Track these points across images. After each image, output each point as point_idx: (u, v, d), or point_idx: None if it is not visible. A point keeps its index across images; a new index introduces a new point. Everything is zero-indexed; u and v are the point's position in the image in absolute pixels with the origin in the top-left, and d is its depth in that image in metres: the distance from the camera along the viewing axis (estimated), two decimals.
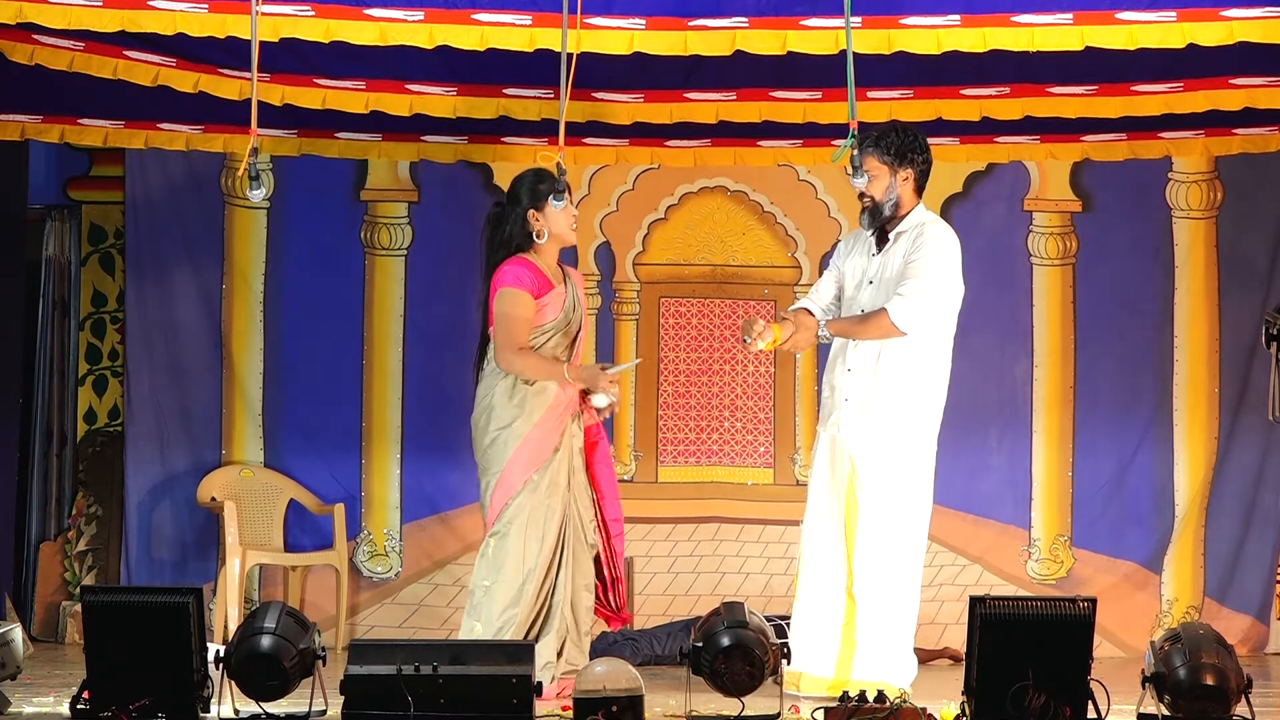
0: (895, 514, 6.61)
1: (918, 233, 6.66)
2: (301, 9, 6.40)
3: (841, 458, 6.70)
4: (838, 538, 6.69)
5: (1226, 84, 7.41)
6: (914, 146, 6.70)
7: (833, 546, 6.70)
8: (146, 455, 8.89)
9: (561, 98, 6.14)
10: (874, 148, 6.65)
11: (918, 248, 6.62)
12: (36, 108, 7.90)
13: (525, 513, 6.63)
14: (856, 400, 6.68)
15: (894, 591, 6.60)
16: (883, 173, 6.67)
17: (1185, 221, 8.98)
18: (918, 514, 6.66)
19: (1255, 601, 8.86)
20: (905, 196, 6.72)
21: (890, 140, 6.69)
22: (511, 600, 6.58)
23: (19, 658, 6.08)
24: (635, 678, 5.78)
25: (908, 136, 6.71)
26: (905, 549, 6.62)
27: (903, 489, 6.62)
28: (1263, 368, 8.49)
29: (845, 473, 6.68)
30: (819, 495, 6.77)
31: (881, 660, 6.58)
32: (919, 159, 6.71)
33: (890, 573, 6.60)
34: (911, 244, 6.65)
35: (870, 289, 6.71)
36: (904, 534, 6.61)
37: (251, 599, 8.67)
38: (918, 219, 6.71)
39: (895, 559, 6.60)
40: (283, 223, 8.99)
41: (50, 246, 9.18)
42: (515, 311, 6.62)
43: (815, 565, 6.73)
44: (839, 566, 6.68)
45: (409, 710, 5.62)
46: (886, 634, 6.60)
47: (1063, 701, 5.67)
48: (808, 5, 6.34)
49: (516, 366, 6.63)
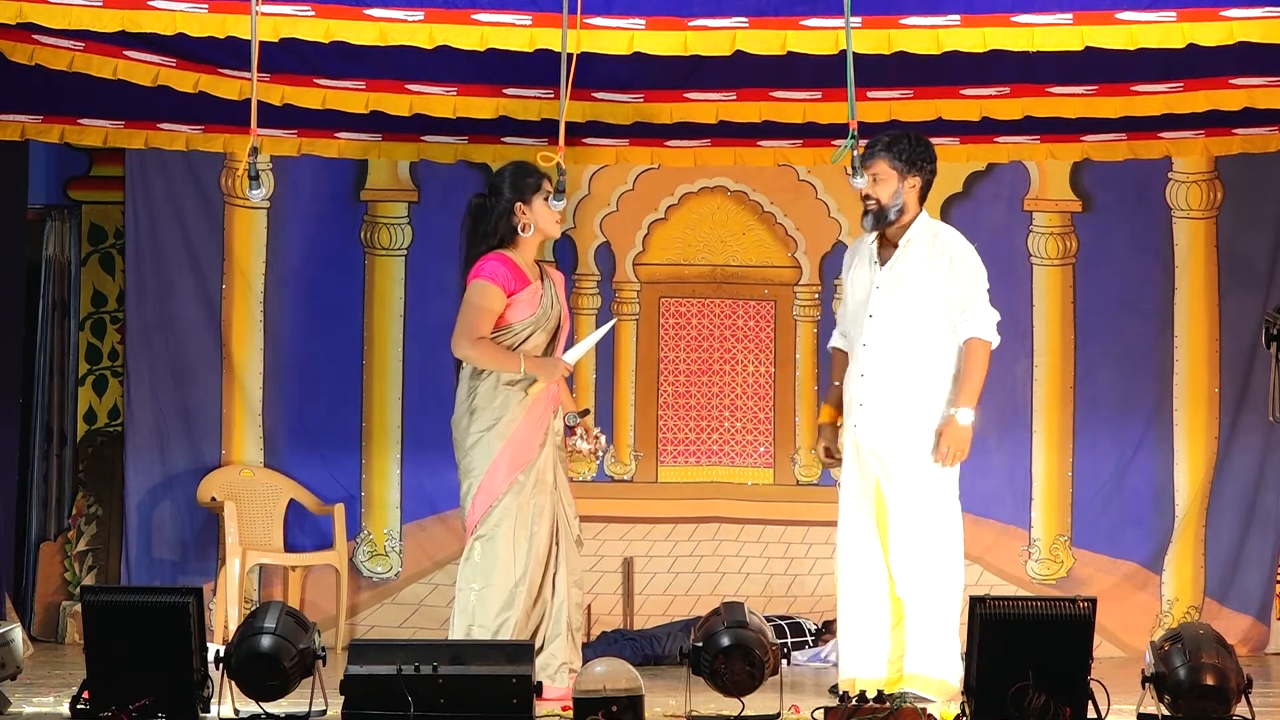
0: (926, 510, 6.60)
1: (940, 247, 6.67)
2: (301, 9, 6.40)
3: (867, 459, 6.70)
4: (873, 539, 6.67)
5: (1226, 84, 7.41)
6: (925, 155, 6.73)
7: (870, 549, 6.68)
8: (146, 455, 8.89)
9: (561, 98, 6.15)
10: (887, 152, 6.66)
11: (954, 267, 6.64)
12: (36, 108, 7.90)
13: (513, 515, 6.58)
14: (872, 404, 6.68)
15: (938, 587, 6.59)
16: (892, 177, 6.68)
17: (1185, 221, 8.99)
18: (949, 509, 6.65)
19: (1255, 601, 8.87)
20: (910, 203, 6.73)
21: (904, 146, 6.69)
22: (505, 603, 6.54)
23: (19, 658, 6.08)
24: (635, 678, 5.78)
25: (920, 145, 6.73)
26: (942, 544, 6.61)
27: (929, 485, 6.61)
28: (1263, 368, 8.50)
29: (873, 474, 6.68)
30: (850, 501, 6.77)
31: (934, 656, 6.56)
32: (928, 168, 6.74)
33: (931, 569, 6.58)
34: (937, 257, 6.64)
35: (879, 294, 6.70)
36: (938, 529, 6.60)
37: (251, 599, 8.67)
38: (928, 227, 6.72)
39: (934, 555, 6.59)
40: (283, 223, 8.99)
41: (50, 246, 9.18)
42: (481, 302, 6.60)
43: (854, 569, 6.70)
44: (879, 568, 6.66)
45: (409, 710, 5.62)
46: (936, 630, 6.58)
47: (1063, 701, 5.67)
48: (808, 5, 6.34)
49: (471, 355, 6.59)
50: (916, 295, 6.65)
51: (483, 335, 6.59)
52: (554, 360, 6.68)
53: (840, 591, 6.75)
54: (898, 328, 6.67)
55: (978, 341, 6.65)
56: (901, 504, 6.62)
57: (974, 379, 6.65)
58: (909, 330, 6.66)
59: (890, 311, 6.68)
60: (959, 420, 6.59)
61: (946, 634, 6.61)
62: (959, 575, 6.67)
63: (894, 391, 6.65)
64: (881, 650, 6.62)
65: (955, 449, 6.59)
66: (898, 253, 6.71)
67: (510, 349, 6.61)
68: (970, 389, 6.64)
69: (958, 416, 6.59)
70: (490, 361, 6.60)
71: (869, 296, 6.74)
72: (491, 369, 6.61)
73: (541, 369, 6.62)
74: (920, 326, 6.66)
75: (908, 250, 6.70)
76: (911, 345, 6.66)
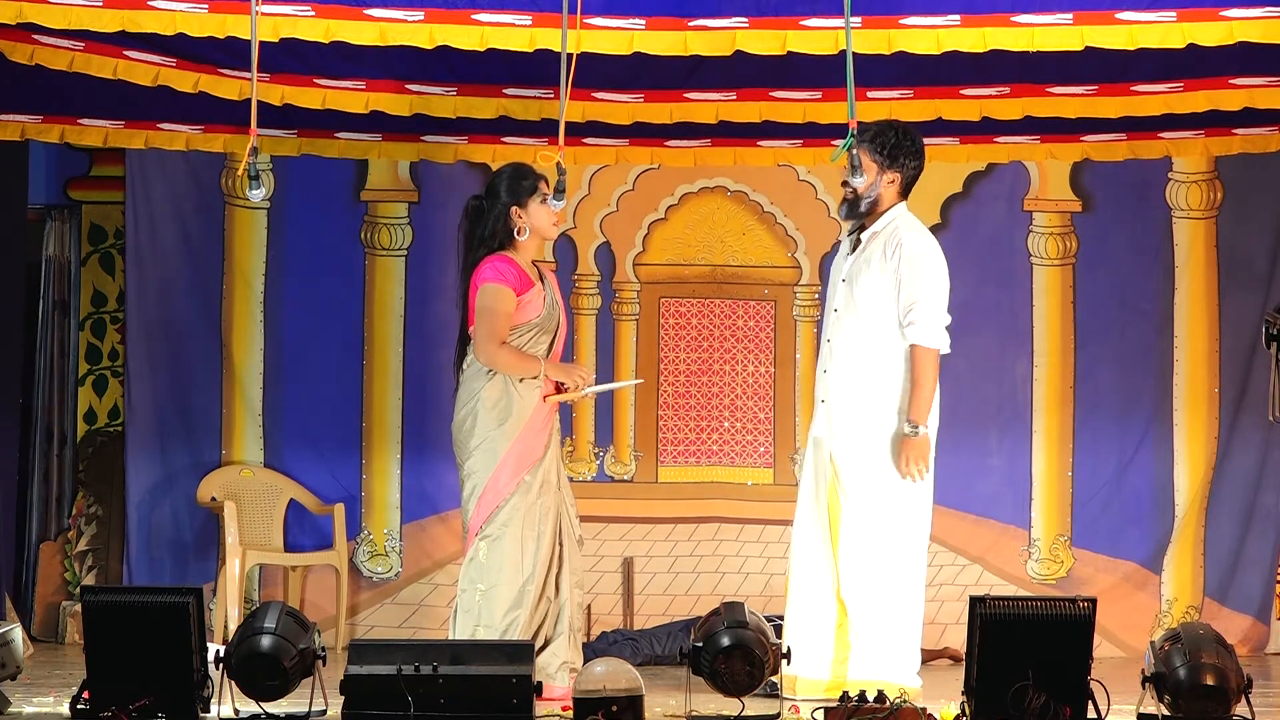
0: (880, 514, 6.56)
1: (895, 242, 6.59)
2: (301, 9, 6.40)
3: (824, 460, 6.68)
4: (823, 541, 6.66)
5: (1226, 84, 7.41)
6: (908, 150, 6.68)
7: (819, 550, 6.67)
8: (146, 455, 8.89)
9: (561, 98, 6.14)
10: (868, 144, 6.62)
11: (903, 264, 6.55)
12: (36, 108, 7.90)
13: (520, 515, 6.59)
14: (833, 401, 6.65)
15: (885, 592, 6.56)
16: (871, 169, 6.64)
17: (1185, 221, 8.99)
18: (908, 514, 6.59)
19: (1255, 601, 8.87)
20: (886, 196, 6.69)
21: (886, 139, 6.67)
22: (514, 603, 6.54)
23: (19, 658, 6.08)
24: (635, 678, 5.78)
25: (906, 140, 6.69)
26: (895, 549, 6.57)
27: (887, 489, 6.57)
28: (1263, 368, 8.50)
29: (828, 475, 6.66)
30: (805, 498, 6.75)
31: (878, 660, 6.55)
32: (910, 164, 6.69)
33: (878, 573, 6.55)
34: (889, 254, 6.58)
35: (843, 287, 6.68)
36: (892, 534, 6.57)
37: (251, 599, 8.67)
38: (892, 221, 6.65)
39: (884, 559, 6.56)
40: (283, 223, 8.99)
41: (50, 246, 9.18)
42: (498, 306, 6.60)
43: (803, 568, 6.70)
44: (826, 569, 6.65)
45: (409, 710, 5.62)
46: (881, 634, 6.56)
47: (1063, 701, 5.67)
48: (808, 5, 6.34)
49: (498, 361, 6.59)
50: (871, 292, 6.60)
51: (505, 339, 6.60)
52: (573, 367, 6.79)
53: (789, 588, 6.74)
54: (855, 325, 6.62)
55: (921, 349, 6.54)
56: (853, 505, 6.59)
57: (922, 390, 6.53)
58: (865, 328, 6.61)
59: (849, 308, 6.64)
60: (911, 435, 6.52)
61: (898, 638, 6.58)
62: (917, 579, 6.63)
63: (851, 391, 6.61)
64: (825, 650, 6.61)
65: (916, 464, 6.52)
66: (860, 247, 6.69)
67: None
68: (919, 401, 6.52)
69: (908, 433, 6.52)
70: (515, 367, 6.61)
71: (834, 289, 6.73)
72: (516, 374, 6.61)
73: (564, 374, 6.70)
74: (875, 325, 6.60)
75: (869, 245, 6.66)
76: (867, 344, 6.61)
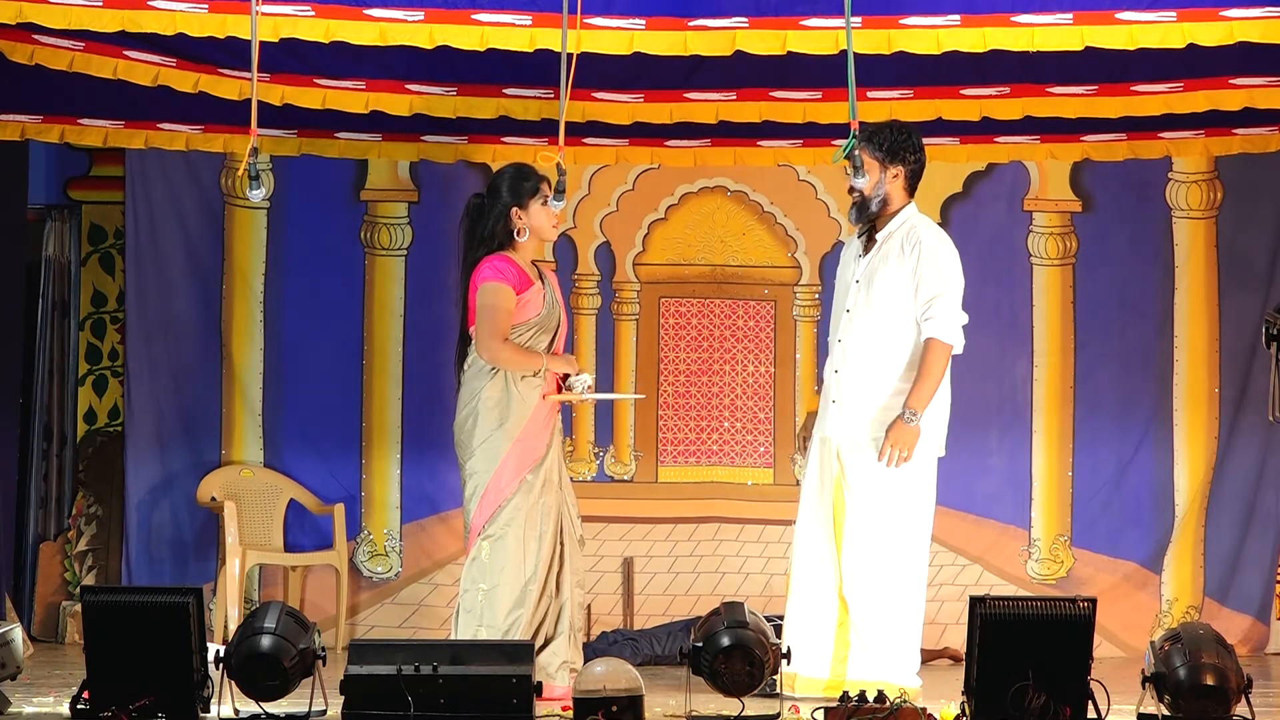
0: (884, 515, 6.57)
1: (913, 240, 6.62)
2: (301, 9, 6.40)
3: (830, 459, 6.69)
4: (827, 539, 6.67)
5: (1226, 84, 7.41)
6: (907, 145, 6.69)
7: (822, 548, 6.68)
8: (146, 455, 8.89)
9: (561, 98, 6.14)
10: (867, 143, 6.62)
11: (923, 261, 6.58)
12: (36, 108, 7.90)
13: (523, 514, 6.59)
14: (842, 401, 6.66)
15: (887, 592, 6.57)
16: (873, 168, 6.64)
17: (1185, 221, 8.99)
18: (912, 514, 6.61)
19: (1255, 601, 8.87)
20: (894, 194, 6.70)
21: (883, 136, 6.68)
22: (516, 602, 6.54)
23: (19, 658, 6.08)
24: (635, 678, 5.78)
25: (901, 135, 6.70)
26: (898, 549, 6.58)
27: (892, 490, 6.58)
28: (1263, 368, 8.49)
29: (834, 474, 6.67)
30: (809, 496, 6.76)
31: (878, 660, 6.56)
32: (911, 158, 6.69)
33: (881, 573, 6.57)
34: (908, 252, 6.60)
35: (856, 289, 6.68)
36: (896, 534, 6.57)
37: (251, 599, 8.67)
38: (907, 221, 6.68)
39: (886, 559, 6.57)
40: (283, 223, 8.99)
41: (50, 246, 9.18)
42: (498, 303, 6.60)
43: (806, 566, 6.71)
44: (829, 568, 6.66)
45: (409, 710, 5.62)
46: (881, 634, 6.57)
47: (1063, 701, 5.67)
48: (808, 5, 6.34)
49: (500, 357, 6.59)
50: (889, 292, 6.61)
51: (507, 336, 6.61)
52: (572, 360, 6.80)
53: (791, 587, 6.74)
54: (871, 325, 6.63)
55: (936, 343, 6.55)
56: (859, 506, 6.59)
57: (928, 381, 6.54)
58: (882, 328, 6.62)
59: (865, 308, 6.64)
60: (905, 421, 6.52)
61: (899, 638, 6.58)
62: (919, 579, 6.64)
63: (865, 391, 6.62)
64: (825, 649, 6.61)
65: (898, 449, 6.52)
66: (875, 248, 6.69)
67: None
68: (922, 391, 6.53)
69: (904, 418, 6.52)
70: (518, 363, 6.62)
71: (847, 292, 6.73)
72: (518, 370, 6.61)
73: (566, 365, 6.72)
74: (893, 325, 6.61)
75: (885, 246, 6.66)
76: (884, 344, 6.62)
